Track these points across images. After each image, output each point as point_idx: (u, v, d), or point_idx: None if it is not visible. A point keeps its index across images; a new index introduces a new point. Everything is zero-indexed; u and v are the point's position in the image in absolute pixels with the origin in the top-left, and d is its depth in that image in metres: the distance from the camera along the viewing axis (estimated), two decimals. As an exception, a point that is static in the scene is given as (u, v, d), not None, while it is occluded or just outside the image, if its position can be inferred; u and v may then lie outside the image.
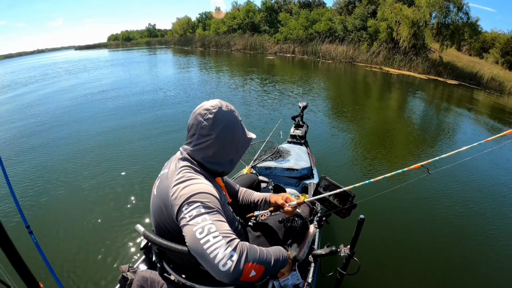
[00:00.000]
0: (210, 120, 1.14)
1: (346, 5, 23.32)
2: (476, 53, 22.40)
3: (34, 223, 3.15)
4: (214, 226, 0.95)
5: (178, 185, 1.07)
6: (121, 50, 45.66)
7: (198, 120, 1.16)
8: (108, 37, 78.47)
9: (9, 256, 1.19)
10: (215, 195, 1.06)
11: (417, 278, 2.56)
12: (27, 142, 5.71)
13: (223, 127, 1.16)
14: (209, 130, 1.15)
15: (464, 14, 16.08)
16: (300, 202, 1.40)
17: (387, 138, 6.14)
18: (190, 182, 1.08)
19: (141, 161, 4.60)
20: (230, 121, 1.18)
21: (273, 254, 1.07)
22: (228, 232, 0.96)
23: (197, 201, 1.00)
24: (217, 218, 0.99)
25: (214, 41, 33.31)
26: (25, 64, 31.46)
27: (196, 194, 1.02)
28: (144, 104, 8.22)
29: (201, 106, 1.18)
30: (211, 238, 0.92)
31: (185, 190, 1.04)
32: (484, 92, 13.71)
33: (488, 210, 3.62)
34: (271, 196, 1.55)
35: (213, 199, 1.04)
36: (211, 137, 1.15)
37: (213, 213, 0.99)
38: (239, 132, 1.22)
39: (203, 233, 0.93)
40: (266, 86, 11.03)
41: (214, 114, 1.14)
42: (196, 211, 0.98)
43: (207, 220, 0.96)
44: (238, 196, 1.66)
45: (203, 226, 0.94)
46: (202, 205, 0.99)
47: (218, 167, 1.23)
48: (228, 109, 1.19)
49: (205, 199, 1.02)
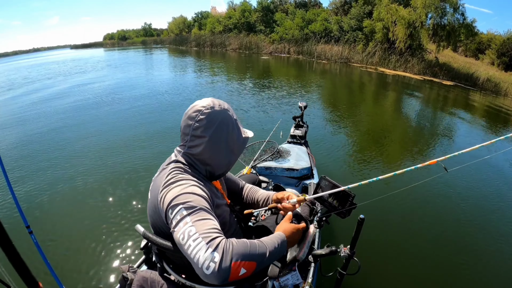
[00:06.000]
0: (202, 122, 1.10)
1: (342, 5, 23.43)
2: (472, 54, 22.65)
3: (34, 223, 3.12)
4: (194, 228, 0.90)
5: (165, 189, 1.04)
6: (117, 49, 45.40)
7: (190, 122, 1.12)
8: (104, 36, 78.62)
9: (9, 256, 1.19)
10: (199, 194, 1.03)
11: (417, 278, 2.56)
12: (28, 142, 5.65)
13: (217, 128, 1.12)
14: (202, 132, 1.11)
15: (460, 15, 16.22)
16: (300, 200, 1.37)
17: (386, 137, 6.16)
18: (176, 184, 1.04)
19: (141, 161, 4.58)
20: (224, 121, 1.14)
21: (267, 245, 1.01)
22: (209, 231, 0.90)
23: (178, 203, 0.97)
24: (199, 217, 0.94)
25: (209, 41, 33.24)
26: (23, 63, 31.19)
27: (178, 196, 0.99)
28: (144, 107, 8.14)
29: (193, 107, 1.14)
30: (191, 242, 0.88)
31: (169, 194, 1.01)
32: (480, 93, 13.85)
33: (489, 211, 3.64)
34: (273, 195, 1.49)
35: (196, 198, 1.00)
36: (204, 139, 1.12)
37: (195, 213, 0.95)
38: (234, 132, 1.18)
39: (184, 238, 0.89)
40: (263, 86, 11.01)
41: (206, 114, 1.10)
42: (179, 215, 0.94)
43: (187, 223, 0.91)
44: (243, 193, 1.62)
45: (183, 231, 0.90)
46: (183, 207, 0.95)
47: (214, 169, 1.20)
48: (221, 108, 1.14)
49: (186, 199, 0.98)
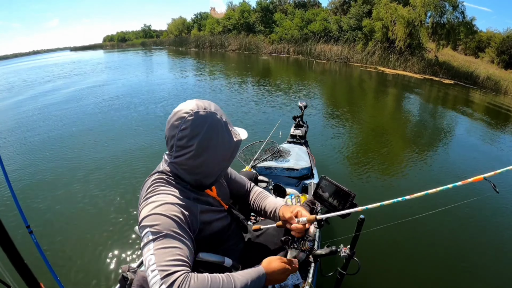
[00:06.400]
0: (186, 130, 0.99)
1: (341, 5, 23.41)
2: (472, 52, 22.59)
3: (34, 223, 3.16)
4: (154, 258, 0.85)
5: (142, 203, 1.00)
6: (117, 51, 45.49)
7: (174, 132, 1.01)
8: (104, 38, 78.67)
9: (9, 256, 1.19)
10: (171, 215, 0.94)
11: (417, 278, 2.56)
12: (28, 142, 5.69)
13: (204, 135, 1.00)
14: (187, 142, 1.00)
15: (460, 13, 16.21)
16: (311, 220, 1.19)
17: (386, 136, 6.16)
18: (151, 200, 0.98)
19: (142, 161, 4.60)
20: (211, 127, 1.01)
21: (235, 282, 0.92)
22: (168, 264, 0.84)
23: (146, 225, 0.91)
24: (162, 245, 0.87)
25: (209, 42, 33.28)
26: (23, 66, 31.28)
27: (148, 216, 0.93)
28: (146, 110, 8.16)
29: (175, 113, 1.02)
30: (150, 272, 0.84)
31: (143, 210, 0.96)
32: (480, 91, 13.84)
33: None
34: (280, 209, 1.31)
35: (165, 221, 0.92)
36: (191, 148, 1.01)
37: (159, 239, 0.88)
38: (224, 137, 1.06)
39: (146, 265, 0.86)
40: (263, 86, 11.03)
41: (190, 122, 0.98)
42: (146, 238, 0.90)
43: (150, 250, 0.87)
44: (250, 198, 1.50)
45: (146, 257, 0.87)
46: (150, 231, 0.90)
47: (204, 179, 1.11)
48: (206, 112, 1.01)
49: (154, 222, 0.91)
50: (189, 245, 0.94)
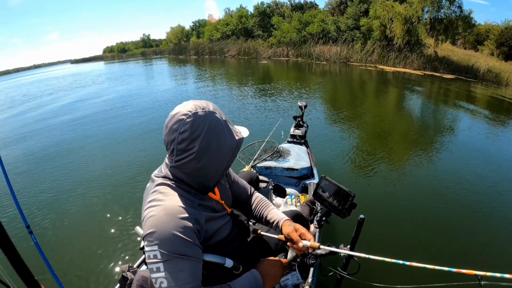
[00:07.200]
0: (186, 133, 0.95)
1: (338, 5, 23.40)
2: (471, 46, 22.52)
3: (34, 223, 3.21)
4: (166, 281, 0.88)
5: (146, 211, 0.98)
6: (117, 61, 45.91)
7: (173, 136, 0.98)
8: (104, 49, 79.50)
9: (9, 256, 1.19)
10: (179, 233, 0.93)
11: (418, 278, 2.53)
12: (28, 143, 5.78)
13: (204, 136, 0.97)
14: (188, 145, 0.97)
15: (457, 7, 16.18)
16: (314, 247, 1.16)
17: (386, 136, 6.08)
18: (157, 209, 0.96)
19: (142, 162, 4.64)
20: (212, 126, 0.98)
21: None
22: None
23: (154, 242, 0.91)
24: (173, 269, 0.90)
25: (208, 49, 33.49)
26: (24, 80, 31.71)
27: (155, 232, 0.91)
28: (147, 114, 8.24)
29: (173, 116, 0.98)
30: None
31: (149, 221, 0.94)
32: (481, 84, 13.73)
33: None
34: (283, 224, 1.29)
35: (174, 240, 0.92)
36: (192, 151, 0.97)
37: (169, 261, 0.90)
38: (225, 136, 1.03)
39: (156, 283, 0.89)
40: (263, 89, 11.05)
41: (189, 123, 0.95)
42: (153, 254, 0.90)
43: (160, 271, 0.89)
44: (251, 204, 1.48)
45: (156, 277, 0.89)
46: (158, 250, 0.90)
47: (207, 181, 1.08)
48: (205, 111, 0.98)
49: (163, 241, 0.90)
50: (198, 260, 0.97)
